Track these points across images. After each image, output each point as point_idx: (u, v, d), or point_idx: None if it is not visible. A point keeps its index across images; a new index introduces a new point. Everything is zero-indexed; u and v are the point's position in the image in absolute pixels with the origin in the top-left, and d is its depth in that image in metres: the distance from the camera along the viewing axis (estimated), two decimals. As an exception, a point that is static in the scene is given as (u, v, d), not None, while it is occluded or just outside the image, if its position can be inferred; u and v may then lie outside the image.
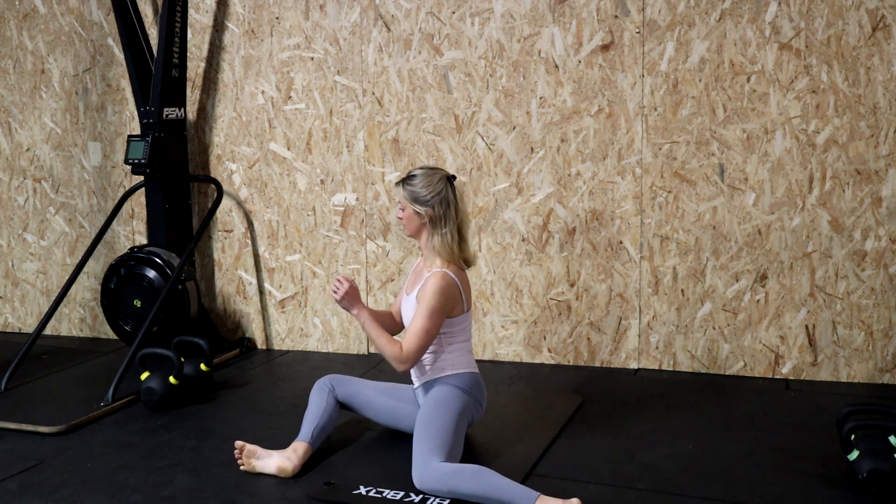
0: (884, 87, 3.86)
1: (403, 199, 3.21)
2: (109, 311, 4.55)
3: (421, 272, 3.30)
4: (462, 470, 2.87)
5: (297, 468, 3.11)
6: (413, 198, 3.19)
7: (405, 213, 3.22)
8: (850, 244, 3.98)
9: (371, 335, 3.17)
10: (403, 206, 3.22)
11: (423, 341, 3.12)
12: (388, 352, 3.13)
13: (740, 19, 3.97)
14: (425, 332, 3.11)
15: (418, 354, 3.13)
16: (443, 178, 3.20)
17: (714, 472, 3.10)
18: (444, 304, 3.14)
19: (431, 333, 3.13)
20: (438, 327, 3.15)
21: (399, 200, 3.23)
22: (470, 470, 2.87)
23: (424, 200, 3.17)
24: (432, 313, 3.11)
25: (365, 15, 4.47)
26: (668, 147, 4.13)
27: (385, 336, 3.17)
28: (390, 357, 3.12)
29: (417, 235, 3.25)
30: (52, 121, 5.10)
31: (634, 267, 4.25)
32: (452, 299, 3.17)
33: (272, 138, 4.71)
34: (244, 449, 3.16)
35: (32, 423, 3.64)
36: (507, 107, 4.31)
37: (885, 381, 4.02)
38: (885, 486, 2.86)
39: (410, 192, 3.19)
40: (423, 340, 3.12)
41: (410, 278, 3.37)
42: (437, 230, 3.19)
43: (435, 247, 3.19)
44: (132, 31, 4.57)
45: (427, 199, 3.17)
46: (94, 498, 2.97)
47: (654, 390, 4.00)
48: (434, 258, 3.23)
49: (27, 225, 5.25)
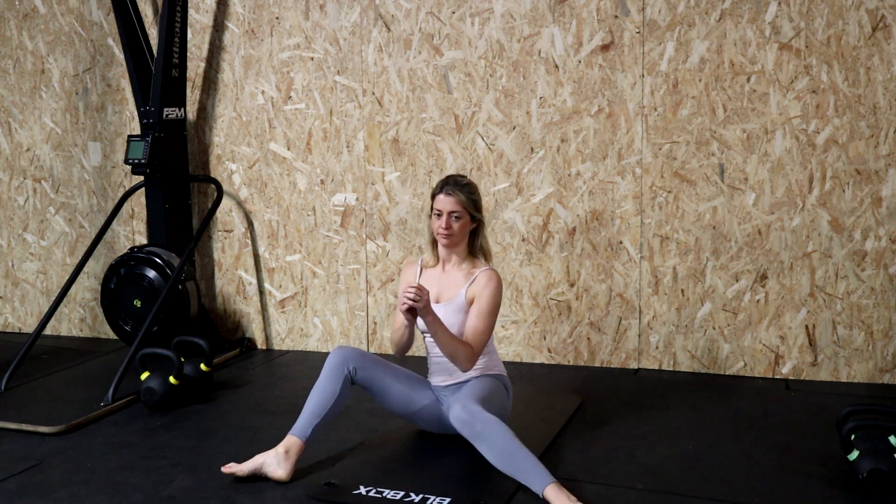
0: (884, 87, 3.86)
1: (466, 207, 3.18)
2: (109, 311, 4.55)
3: (452, 277, 3.26)
4: (501, 424, 2.92)
5: (291, 473, 3.05)
6: (475, 206, 3.22)
7: (461, 221, 3.19)
8: (850, 244, 3.98)
9: (444, 339, 3.10)
10: (461, 214, 3.18)
11: (486, 339, 3.19)
12: (461, 353, 3.11)
13: (740, 19, 3.97)
14: (489, 329, 3.19)
15: (480, 352, 3.18)
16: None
17: (714, 472, 3.10)
18: (500, 302, 3.24)
19: (491, 330, 3.21)
20: (494, 326, 3.24)
21: (456, 210, 3.17)
22: (507, 428, 2.92)
23: (480, 207, 3.25)
24: (494, 310, 3.20)
25: (365, 15, 4.47)
26: (668, 147, 4.13)
27: (457, 338, 3.15)
28: (464, 357, 3.11)
29: (460, 243, 3.24)
30: (52, 121, 5.10)
31: (634, 267, 4.25)
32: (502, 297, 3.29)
33: (272, 138, 4.71)
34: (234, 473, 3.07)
35: (32, 423, 3.64)
36: (507, 107, 4.31)
37: (885, 381, 4.02)
38: (885, 486, 2.86)
39: (473, 201, 3.20)
40: (486, 338, 3.19)
41: (434, 287, 3.28)
42: (484, 235, 3.30)
43: (483, 249, 3.29)
44: (132, 31, 4.58)
45: (481, 206, 3.26)
46: (94, 498, 2.97)
47: (654, 390, 4.00)
48: (472, 261, 3.27)
49: (27, 225, 5.25)
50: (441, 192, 3.20)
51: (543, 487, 2.77)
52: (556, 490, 2.77)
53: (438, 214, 3.21)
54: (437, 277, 3.32)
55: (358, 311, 4.68)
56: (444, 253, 3.30)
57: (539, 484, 2.78)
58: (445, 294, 3.27)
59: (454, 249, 3.26)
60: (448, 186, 3.20)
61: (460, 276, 3.26)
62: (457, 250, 3.27)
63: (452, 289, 3.26)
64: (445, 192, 3.19)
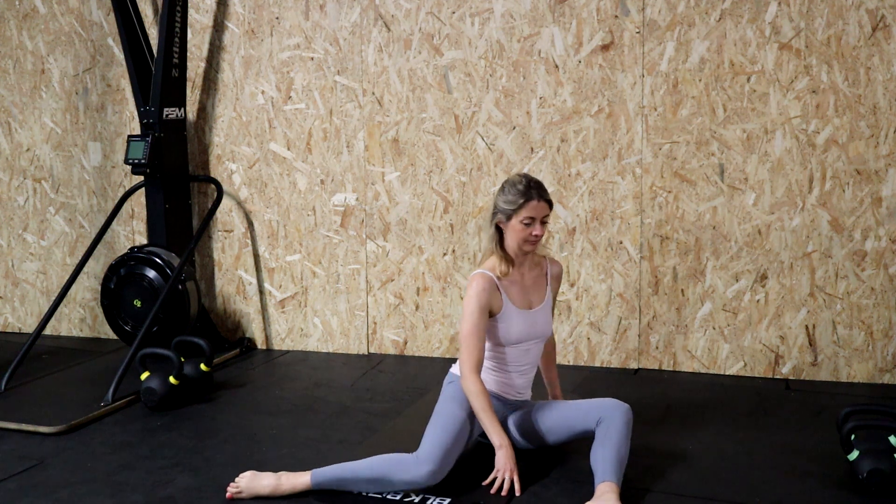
0: (884, 87, 3.86)
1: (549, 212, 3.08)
2: (109, 311, 4.55)
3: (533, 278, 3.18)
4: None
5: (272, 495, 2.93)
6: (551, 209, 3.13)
7: (546, 226, 3.09)
8: (850, 244, 3.98)
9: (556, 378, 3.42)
10: (548, 218, 3.08)
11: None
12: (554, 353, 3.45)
13: (740, 19, 3.97)
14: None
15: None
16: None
17: (714, 472, 3.10)
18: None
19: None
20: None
21: (547, 214, 3.06)
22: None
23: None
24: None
25: (365, 15, 4.47)
26: (668, 147, 4.13)
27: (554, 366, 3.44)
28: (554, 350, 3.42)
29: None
30: (52, 121, 5.10)
31: (634, 267, 4.25)
32: None
33: (272, 138, 4.71)
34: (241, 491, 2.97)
35: (32, 423, 3.64)
36: (507, 107, 4.31)
37: (885, 381, 4.02)
38: (885, 486, 2.86)
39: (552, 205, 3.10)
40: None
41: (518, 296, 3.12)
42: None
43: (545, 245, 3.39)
44: (132, 31, 4.58)
45: None
46: (94, 498, 2.97)
47: (654, 390, 4.00)
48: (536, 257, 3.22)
49: (27, 225, 5.25)
50: (534, 198, 3.00)
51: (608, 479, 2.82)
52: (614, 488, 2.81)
53: (528, 222, 3.02)
54: (521, 285, 3.15)
55: (358, 311, 4.68)
56: (520, 259, 3.14)
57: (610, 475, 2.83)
58: (535, 298, 3.17)
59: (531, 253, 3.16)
60: (536, 190, 3.02)
61: (537, 273, 3.19)
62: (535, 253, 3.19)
63: (540, 291, 3.19)
64: (538, 199, 3.01)
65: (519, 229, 3.03)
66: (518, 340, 3.12)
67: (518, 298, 3.11)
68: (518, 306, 3.11)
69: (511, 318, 3.09)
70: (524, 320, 3.11)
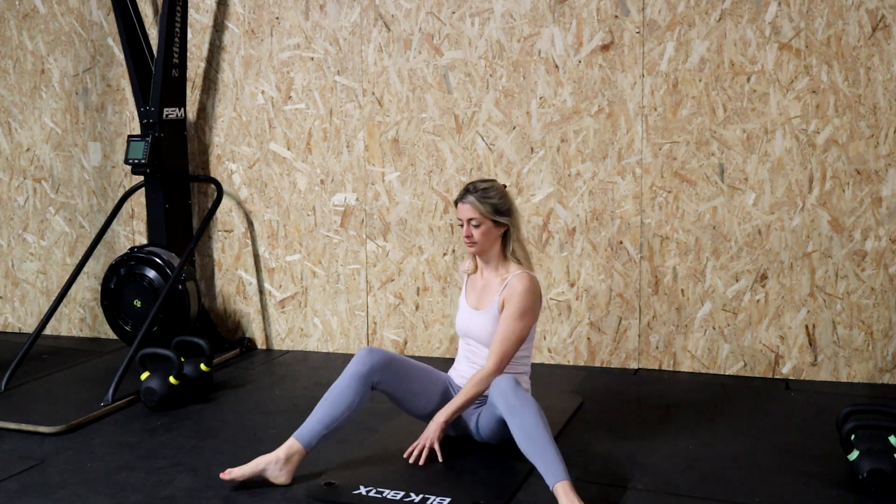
0: (884, 87, 3.86)
1: (483, 213, 3.14)
2: (109, 311, 4.55)
3: (489, 284, 3.24)
4: (536, 405, 2.90)
5: (291, 479, 3.02)
6: (495, 210, 3.15)
7: (482, 228, 3.15)
8: (850, 244, 3.98)
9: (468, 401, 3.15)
10: (480, 221, 3.15)
11: (514, 344, 3.13)
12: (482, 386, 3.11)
13: (740, 19, 3.97)
14: (519, 334, 3.13)
15: (508, 357, 3.13)
16: (503, 188, 3.25)
17: (714, 472, 3.10)
18: (534, 305, 3.15)
19: (523, 335, 3.14)
20: (529, 328, 3.17)
21: (473, 217, 3.15)
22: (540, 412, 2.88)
23: (505, 210, 3.18)
24: (525, 312, 3.13)
25: (365, 15, 4.47)
26: (668, 147, 4.13)
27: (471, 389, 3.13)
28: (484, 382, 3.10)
29: (489, 249, 3.21)
30: (52, 121, 5.10)
31: (634, 267, 4.25)
32: (539, 301, 3.20)
33: (272, 138, 4.71)
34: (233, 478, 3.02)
35: (32, 423, 3.64)
36: (507, 107, 4.31)
37: (885, 381, 4.02)
38: (885, 486, 2.86)
39: (492, 205, 3.15)
40: (514, 343, 3.12)
41: (470, 293, 3.30)
42: (517, 238, 3.23)
43: (516, 255, 3.22)
44: (132, 31, 4.58)
45: (507, 209, 3.19)
46: (94, 498, 2.97)
47: (654, 390, 4.00)
48: (507, 266, 3.22)
49: (27, 225, 5.25)
50: (459, 200, 3.19)
51: (557, 481, 2.73)
52: (568, 488, 2.73)
53: (461, 223, 3.20)
54: (476, 285, 3.31)
55: (358, 311, 4.68)
56: (480, 260, 3.28)
57: (554, 476, 2.74)
58: (483, 302, 3.24)
59: (486, 256, 3.23)
60: (464, 193, 3.18)
61: (496, 282, 3.23)
62: (489, 256, 3.24)
63: (488, 297, 3.23)
64: (461, 200, 3.18)
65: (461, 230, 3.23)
66: (461, 333, 3.33)
67: (470, 295, 3.31)
68: (467, 301, 3.31)
69: (460, 308, 3.35)
70: (464, 316, 3.30)
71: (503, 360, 3.12)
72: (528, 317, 3.14)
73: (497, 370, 3.11)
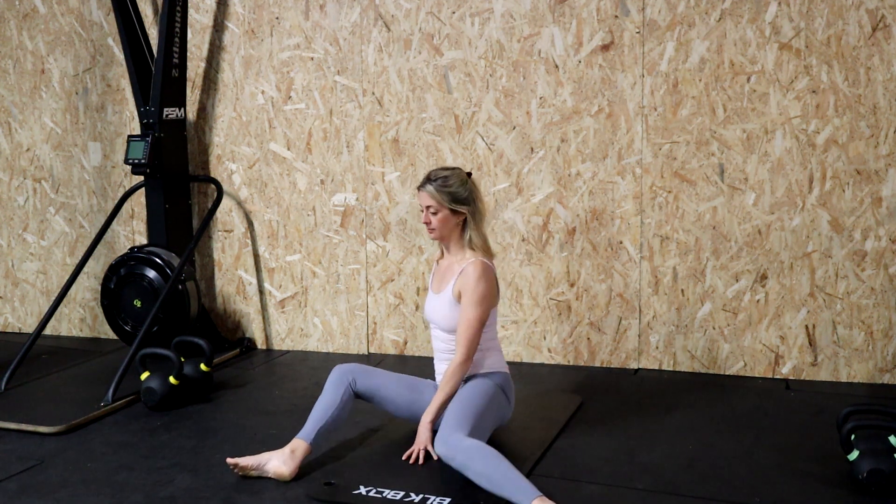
0: (884, 87, 3.86)
1: (440, 201, 3.20)
2: (109, 311, 4.55)
3: (449, 269, 3.31)
4: (481, 448, 2.91)
5: (295, 472, 3.07)
6: (453, 198, 3.21)
7: (439, 215, 3.22)
8: (850, 244, 3.98)
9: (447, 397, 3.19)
10: (437, 208, 3.22)
11: (477, 330, 3.19)
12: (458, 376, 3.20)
13: (740, 19, 3.97)
14: (479, 320, 3.19)
15: (474, 344, 3.19)
16: (466, 176, 3.29)
17: (714, 472, 3.10)
18: (489, 290, 3.21)
19: (482, 321, 3.20)
20: (488, 313, 3.22)
21: (430, 204, 3.22)
22: (488, 451, 2.90)
23: (463, 199, 3.23)
24: (481, 300, 3.19)
25: (365, 15, 4.47)
26: (668, 147, 4.13)
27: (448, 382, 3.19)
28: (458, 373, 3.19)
29: (449, 236, 3.28)
30: (52, 121, 5.10)
31: (634, 267, 4.25)
32: (494, 286, 3.26)
33: (272, 138, 4.71)
34: (237, 465, 3.09)
35: (32, 423, 3.64)
36: (507, 107, 4.31)
37: (885, 381, 4.02)
38: (885, 486, 2.86)
39: (450, 194, 3.21)
40: (475, 329, 3.19)
41: (434, 279, 3.39)
42: (475, 226, 3.27)
43: (473, 242, 3.27)
44: (132, 31, 4.58)
45: (465, 198, 3.23)
46: (94, 498, 2.97)
47: (654, 390, 4.00)
48: (464, 253, 3.28)
49: (27, 225, 5.25)
50: (420, 187, 3.27)
51: (531, 500, 2.75)
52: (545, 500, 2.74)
53: (422, 210, 3.28)
54: (440, 269, 3.39)
55: (358, 311, 4.68)
56: (443, 246, 3.36)
57: (526, 499, 2.75)
58: (440, 286, 3.33)
59: (447, 243, 3.31)
60: (425, 182, 3.25)
61: (455, 268, 3.29)
62: (450, 243, 3.31)
63: (446, 281, 3.30)
64: (421, 188, 3.26)
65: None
66: (427, 318, 3.39)
67: (434, 280, 3.39)
68: (431, 286, 3.40)
69: (427, 295, 3.41)
70: (428, 301, 3.37)
71: (470, 348, 3.19)
72: (485, 302, 3.21)
73: (467, 358, 3.20)
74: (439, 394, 3.20)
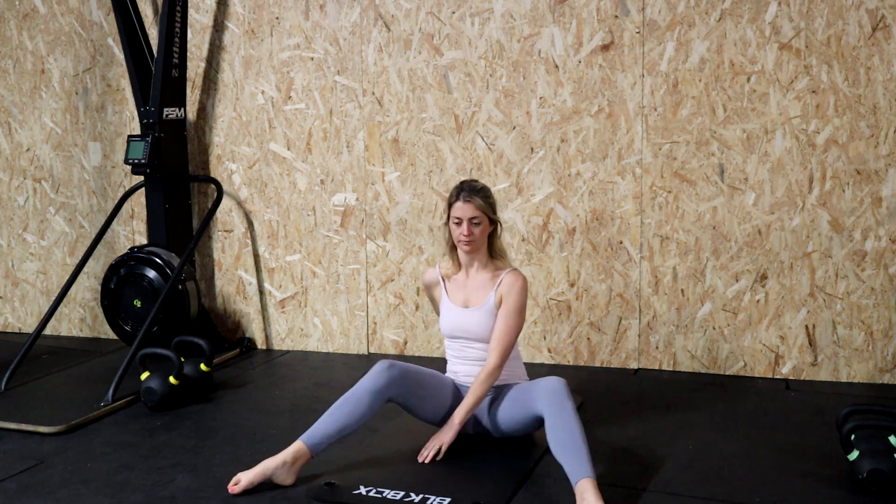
0: (884, 87, 3.86)
1: (484, 211, 3.20)
2: (109, 311, 4.55)
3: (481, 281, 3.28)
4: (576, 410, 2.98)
5: (294, 480, 3.01)
6: (493, 209, 3.25)
7: (481, 226, 3.22)
8: (850, 244, 3.98)
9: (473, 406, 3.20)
10: (480, 219, 3.21)
11: (515, 338, 3.23)
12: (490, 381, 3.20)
13: (740, 19, 3.97)
14: (518, 328, 3.23)
15: (510, 351, 3.22)
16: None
17: (714, 472, 3.10)
18: (526, 300, 3.27)
19: (520, 329, 3.25)
20: (524, 322, 3.27)
21: (476, 216, 3.19)
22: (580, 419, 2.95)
23: (496, 207, 3.29)
24: (521, 309, 3.24)
25: (365, 15, 4.47)
26: (668, 147, 4.13)
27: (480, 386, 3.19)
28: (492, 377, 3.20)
29: (481, 247, 3.27)
30: (52, 121, 5.10)
31: (634, 267, 4.25)
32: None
33: (272, 138, 4.71)
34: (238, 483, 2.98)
35: (32, 423, 3.64)
36: (507, 107, 4.31)
37: (885, 381, 4.02)
38: (885, 486, 2.86)
39: (491, 204, 3.24)
40: (514, 337, 3.23)
41: (455, 293, 3.33)
42: (500, 235, 3.32)
43: (501, 251, 3.32)
44: (132, 31, 4.58)
45: (496, 207, 3.29)
46: (94, 498, 2.97)
47: (654, 390, 4.00)
48: (495, 263, 3.30)
49: (27, 225, 5.25)
50: (458, 199, 3.21)
51: (581, 477, 2.75)
52: (590, 485, 2.74)
53: (458, 222, 3.22)
54: (463, 284, 3.33)
55: (358, 311, 4.68)
56: (466, 259, 3.31)
57: (580, 473, 2.76)
58: (474, 299, 3.29)
59: (476, 254, 3.28)
60: (464, 193, 3.21)
61: (486, 279, 3.28)
62: (478, 255, 3.28)
63: (480, 293, 3.27)
64: (463, 200, 3.20)
65: (453, 229, 3.25)
66: (451, 334, 3.33)
67: (455, 295, 3.33)
68: (453, 302, 3.32)
69: (446, 311, 3.34)
70: (453, 316, 3.30)
71: (505, 354, 3.21)
72: (524, 311, 3.27)
73: (501, 364, 3.21)
74: (470, 396, 3.20)
